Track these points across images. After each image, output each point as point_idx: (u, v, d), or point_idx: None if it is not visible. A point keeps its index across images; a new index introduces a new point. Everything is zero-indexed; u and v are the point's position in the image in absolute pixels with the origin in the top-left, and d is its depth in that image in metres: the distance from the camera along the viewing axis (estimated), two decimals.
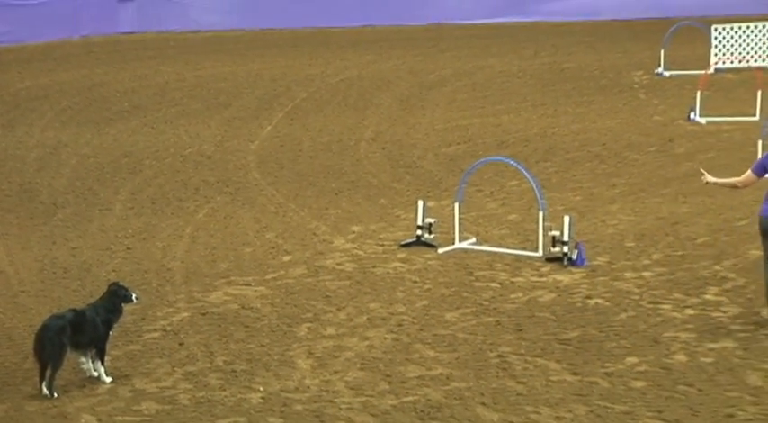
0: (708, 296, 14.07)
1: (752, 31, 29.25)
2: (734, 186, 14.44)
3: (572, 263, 15.13)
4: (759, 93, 23.41)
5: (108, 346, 12.01)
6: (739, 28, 29.23)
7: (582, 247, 15.33)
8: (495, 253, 15.71)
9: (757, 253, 15.48)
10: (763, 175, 13.67)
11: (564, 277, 14.77)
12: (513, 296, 14.18)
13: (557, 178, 19.26)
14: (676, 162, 20.52)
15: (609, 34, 35.67)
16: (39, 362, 11.56)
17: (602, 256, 15.53)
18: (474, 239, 16.15)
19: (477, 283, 14.65)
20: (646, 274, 14.89)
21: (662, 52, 28.73)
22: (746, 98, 24.11)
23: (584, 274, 14.85)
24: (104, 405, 11.45)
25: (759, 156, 19.20)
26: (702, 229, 16.67)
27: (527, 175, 16.03)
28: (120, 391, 11.73)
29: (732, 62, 28.30)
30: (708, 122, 23.27)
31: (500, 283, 14.63)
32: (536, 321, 13.39)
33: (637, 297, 14.08)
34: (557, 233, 15.29)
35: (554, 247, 15.31)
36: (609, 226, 16.85)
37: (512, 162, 16.92)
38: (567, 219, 15.30)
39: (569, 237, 15.20)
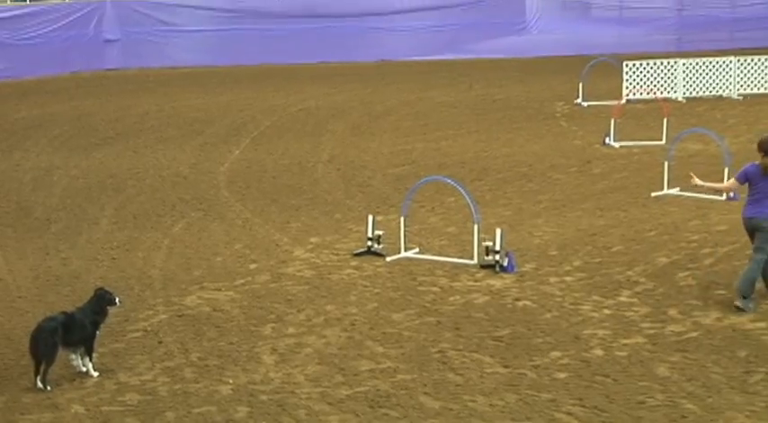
0: (622, 298, 14.13)
1: (659, 67, 29.44)
2: (718, 190, 15.77)
3: (503, 269, 15.16)
4: (665, 120, 23.55)
5: (95, 344, 11.95)
6: (648, 64, 29.41)
7: (512, 255, 15.36)
8: (436, 261, 15.72)
9: (664, 260, 15.62)
10: (745, 182, 14.01)
11: (496, 282, 14.80)
12: (451, 299, 14.20)
13: (489, 195, 19.31)
14: (593, 181, 20.61)
15: (534, 70, 35.82)
16: (34, 359, 11.53)
17: (530, 263, 15.57)
18: (417, 249, 16.15)
19: (421, 288, 14.66)
20: (567, 278, 14.94)
21: (580, 85, 28.87)
22: (654, 125, 24.26)
23: (514, 280, 14.89)
24: (92, 396, 11.39)
25: (665, 175, 19.37)
26: (617, 239, 16.75)
27: (463, 192, 16.06)
28: (106, 384, 11.67)
29: (641, 94, 28.47)
30: (621, 146, 23.39)
31: (440, 288, 14.65)
32: (472, 321, 13.40)
33: (560, 299, 14.12)
34: (490, 243, 15.32)
35: (487, 255, 15.34)
36: (535, 237, 16.90)
37: (450, 181, 16.94)
38: (498, 231, 15.33)
39: (501, 246, 15.22)
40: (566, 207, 18.72)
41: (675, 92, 29.35)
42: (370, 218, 16.13)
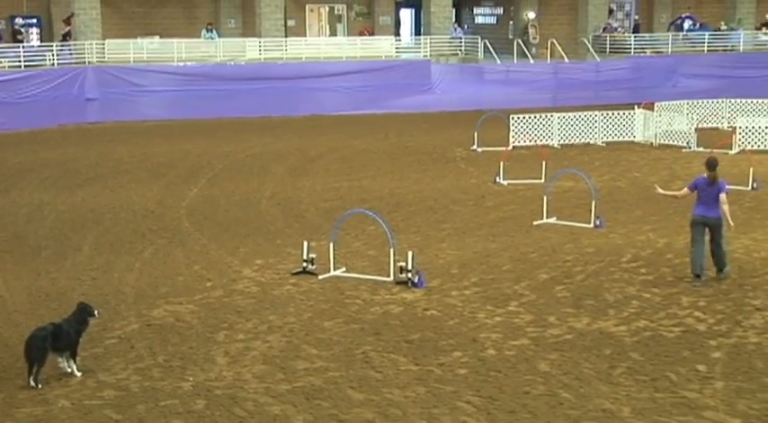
0: (510, 308, 14.20)
1: (538, 120, 29.72)
2: (675, 197, 17.08)
3: (414, 285, 15.17)
4: (544, 163, 23.77)
5: (79, 349, 11.82)
6: (530, 117, 29.68)
7: (421, 273, 15.38)
8: (360, 278, 15.70)
9: (544, 276, 15.72)
10: (695, 190, 15.48)
11: (408, 295, 14.81)
12: (372, 309, 14.18)
13: (402, 224, 19.33)
14: (487, 212, 20.72)
15: (438, 122, 36.00)
16: (27, 362, 11.45)
17: (436, 279, 15.60)
18: (344, 269, 16.12)
19: (347, 301, 14.63)
20: (466, 292, 14.98)
21: (475, 134, 29.05)
22: (535, 167, 24.46)
23: (423, 293, 14.90)
24: (76, 393, 11.23)
25: (545, 207, 19.52)
26: (506, 259, 16.84)
27: (381, 222, 16.08)
28: (87, 382, 11.52)
29: (525, 142, 28.71)
30: (508, 184, 23.55)
31: (363, 300, 14.63)
32: (389, 327, 13.40)
33: (460, 309, 14.16)
34: (403, 264, 15.33)
35: (401, 273, 15.35)
36: (440, 258, 16.94)
37: (370, 213, 16.96)
38: (410, 253, 15.35)
39: (412, 266, 15.24)
40: (464, 234, 18.79)
41: (552, 140, 29.62)
42: (305, 243, 16.09)
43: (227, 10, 49.30)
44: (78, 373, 11.73)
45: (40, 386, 11.38)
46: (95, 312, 12.17)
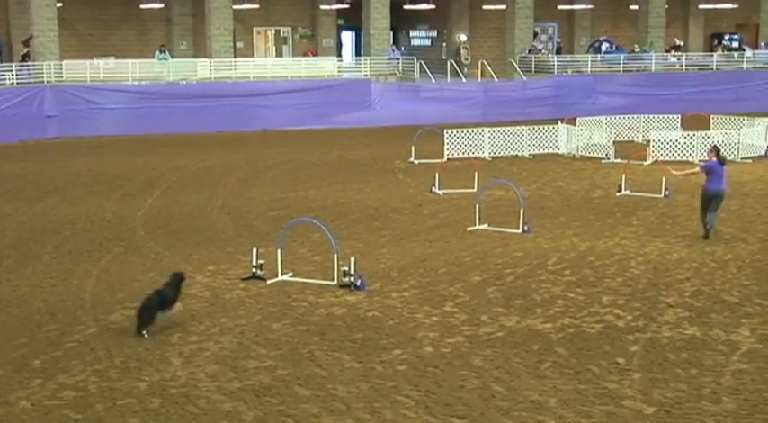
0: (446, 308, 14.22)
1: (470, 134, 29.86)
2: (693, 174, 19.82)
3: (357, 288, 15.13)
4: (476, 174, 23.88)
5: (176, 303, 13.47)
6: (463, 132, 29.80)
7: (363, 277, 15.35)
8: (306, 283, 15.63)
9: (477, 279, 15.76)
10: (707, 172, 18.39)
11: (351, 298, 14.77)
12: (318, 311, 14.12)
13: (345, 232, 19.30)
14: (424, 220, 20.75)
15: (378, 136, 36.04)
16: (139, 320, 12.99)
17: (377, 282, 15.57)
18: (291, 273, 16.05)
19: (294, 303, 14.55)
20: (405, 294, 14.98)
21: (413, 148, 29.12)
22: (468, 178, 24.55)
23: (365, 296, 14.87)
24: (37, 394, 11.02)
25: (477, 215, 19.60)
26: (442, 263, 16.86)
27: (325, 229, 16.04)
28: (47, 384, 11.31)
29: (458, 154, 28.82)
30: (444, 193, 23.62)
31: (309, 303, 14.56)
32: (334, 328, 13.34)
33: (400, 309, 14.14)
34: (346, 268, 15.30)
35: (344, 277, 15.31)
36: (381, 263, 16.92)
37: (315, 221, 16.91)
38: (352, 259, 15.31)
39: (354, 270, 15.21)
40: (403, 240, 18.80)
41: (483, 152, 29.77)
42: (254, 250, 15.98)
43: (180, 32, 49.03)
44: (172, 311, 13.36)
45: (146, 335, 12.82)
46: (185, 276, 13.94)
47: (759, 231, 19.18)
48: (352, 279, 15.21)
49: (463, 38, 52.45)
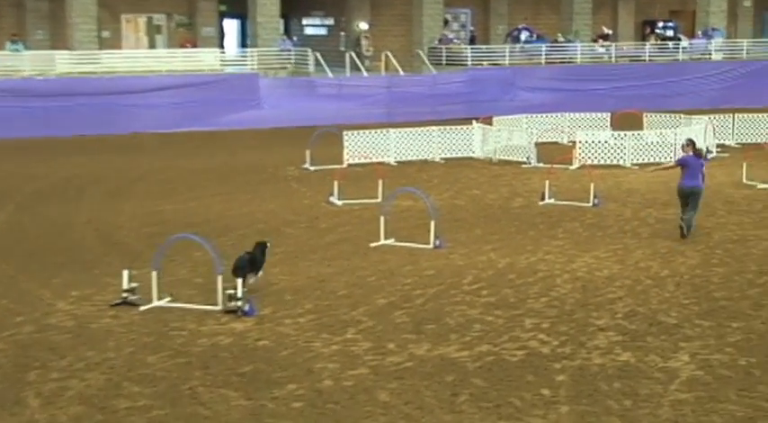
0: (348, 335, 14.24)
1: (374, 136, 29.99)
2: (666, 169, 21.98)
3: (245, 314, 15.07)
4: (380, 182, 23.99)
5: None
6: (364, 133, 29.93)
7: (252, 301, 15.29)
8: (186, 308, 15.50)
9: (383, 301, 15.85)
10: (681, 166, 19.84)
11: (239, 325, 14.70)
12: (200, 341, 14.02)
13: (232, 249, 19.14)
14: (321, 235, 20.76)
15: (268, 139, 35.98)
16: (235, 276, 15.52)
17: (268, 307, 15.52)
18: (169, 298, 15.89)
19: (172, 333, 14.41)
20: (301, 320, 14.96)
21: (308, 152, 29.14)
22: (371, 186, 24.66)
23: (254, 322, 14.81)
24: None
25: (382, 228, 19.68)
26: (342, 284, 16.89)
27: (208, 247, 15.94)
28: None
29: (360, 159, 28.92)
30: (343, 204, 23.67)
31: (190, 332, 14.44)
32: (218, 360, 13.26)
33: (295, 338, 14.12)
34: (232, 291, 15.22)
35: (231, 302, 15.23)
36: (272, 284, 16.87)
37: (196, 238, 16.79)
38: (239, 280, 15.25)
39: (242, 294, 15.14)
40: (298, 258, 18.77)
41: (388, 157, 29.93)
42: (126, 272, 15.80)
43: (35, 20, 48.12)
44: (253, 279, 16.28)
45: (246, 290, 15.35)
46: (268, 244, 16.98)
47: (699, 244, 19.66)
48: (240, 304, 15.13)
49: (364, 26, 52.64)
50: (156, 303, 15.64)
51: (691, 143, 20.02)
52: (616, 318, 15.00)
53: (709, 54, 51.80)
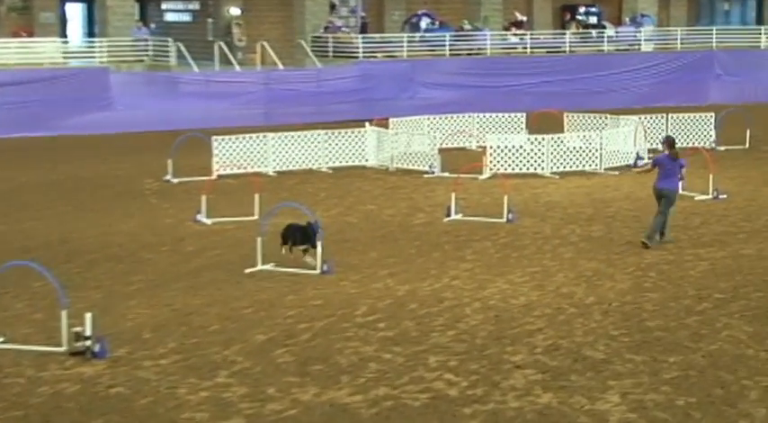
0: (219, 379, 14.17)
1: (248, 142, 29.90)
2: (646, 171, 22.81)
3: (95, 355, 14.89)
4: (257, 196, 23.92)
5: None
6: (237, 139, 29.81)
7: (104, 340, 15.12)
8: (22, 350, 15.25)
9: (261, 337, 15.82)
10: (656, 167, 21.37)
11: (87, 369, 14.51)
12: (39, 390, 13.80)
13: (79, 278, 18.97)
14: (187, 259, 20.63)
15: (122, 146, 35.64)
16: (283, 241, 19.56)
17: (123, 347, 15.36)
18: (2, 339, 15.63)
19: (6, 380, 14.17)
20: (163, 361, 14.83)
21: (170, 161, 28.92)
22: (247, 200, 24.57)
23: (107, 366, 14.64)
24: None
25: (259, 251, 19.63)
26: (213, 318, 16.79)
27: (49, 276, 15.71)
28: None
29: (232, 169, 28.80)
30: (213, 223, 23.56)
31: (27, 379, 14.21)
32: (62, 412, 13.08)
33: (155, 383, 14.00)
34: (80, 329, 15.03)
35: (77, 341, 15.03)
36: (128, 320, 16.71)
37: (35, 265, 16.53)
38: (88, 315, 15.05)
39: (92, 332, 14.96)
40: (159, 287, 18.62)
41: (266, 166, 29.86)
42: None
43: None
44: (310, 258, 19.14)
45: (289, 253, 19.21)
46: (319, 228, 19.47)
47: (629, 265, 19.96)
48: (89, 343, 14.94)
49: (235, 12, 52.51)
50: None
51: (668, 141, 21.49)
52: (535, 353, 15.14)
53: (639, 44, 52.67)
